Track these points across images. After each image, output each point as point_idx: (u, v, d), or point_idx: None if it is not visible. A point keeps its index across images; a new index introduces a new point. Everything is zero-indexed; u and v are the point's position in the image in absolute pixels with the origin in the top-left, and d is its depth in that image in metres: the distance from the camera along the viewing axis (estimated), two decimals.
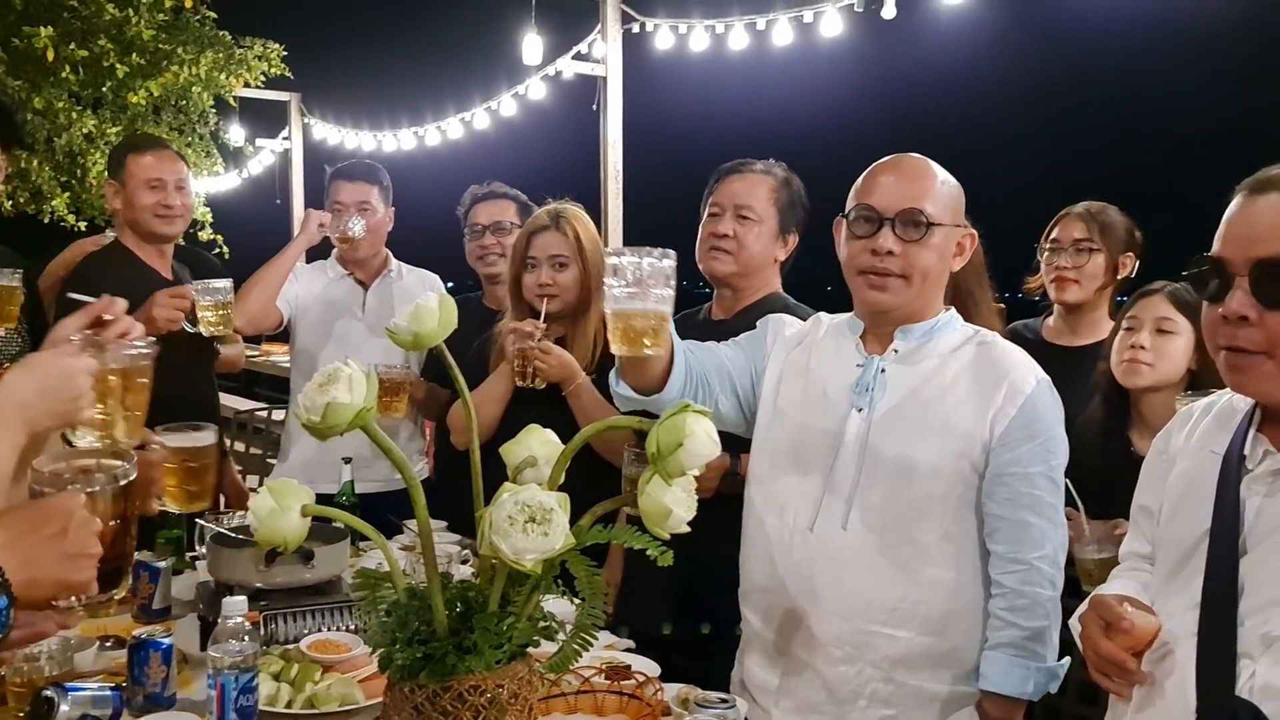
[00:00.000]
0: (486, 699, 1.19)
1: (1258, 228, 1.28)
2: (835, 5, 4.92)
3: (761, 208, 2.37)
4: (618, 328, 1.54)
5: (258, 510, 1.21)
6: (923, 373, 1.83)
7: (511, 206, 3.18)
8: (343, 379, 1.11)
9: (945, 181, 1.84)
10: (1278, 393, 1.30)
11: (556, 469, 1.25)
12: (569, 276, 2.61)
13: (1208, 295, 1.33)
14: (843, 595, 1.79)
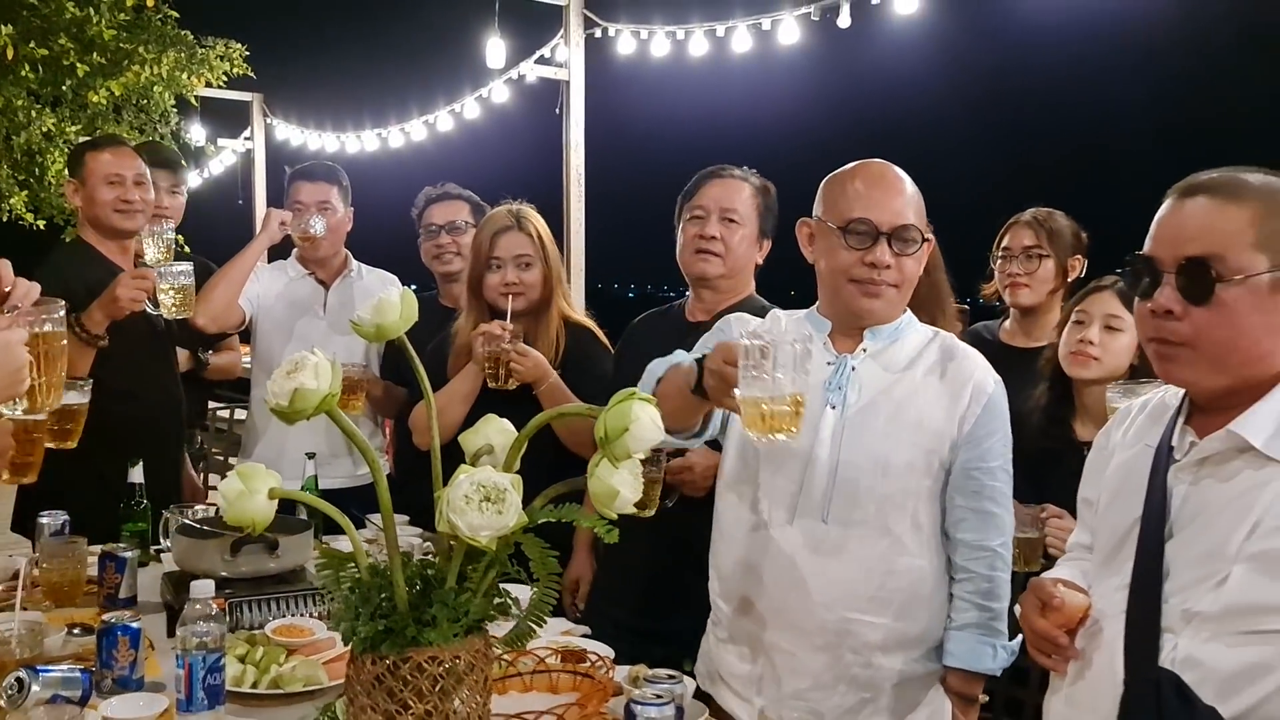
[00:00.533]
0: (444, 669, 1.26)
1: (1186, 229, 1.37)
2: (793, 14, 5.03)
3: (745, 211, 2.45)
4: (758, 413, 1.50)
5: (227, 493, 1.27)
6: (892, 372, 1.93)
7: (465, 207, 3.26)
8: (309, 366, 1.18)
9: (916, 190, 1.95)
10: (1200, 381, 1.40)
11: (511, 453, 1.32)
12: (534, 275, 2.69)
13: (1139, 291, 1.42)
14: (824, 585, 1.88)
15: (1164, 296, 1.37)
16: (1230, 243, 1.33)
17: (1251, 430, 1.35)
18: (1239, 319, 1.33)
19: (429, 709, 1.26)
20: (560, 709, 1.63)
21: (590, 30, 6.27)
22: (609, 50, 6.17)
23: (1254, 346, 1.35)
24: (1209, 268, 1.33)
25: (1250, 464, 1.36)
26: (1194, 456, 1.41)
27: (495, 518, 1.19)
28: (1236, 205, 1.35)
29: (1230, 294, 1.33)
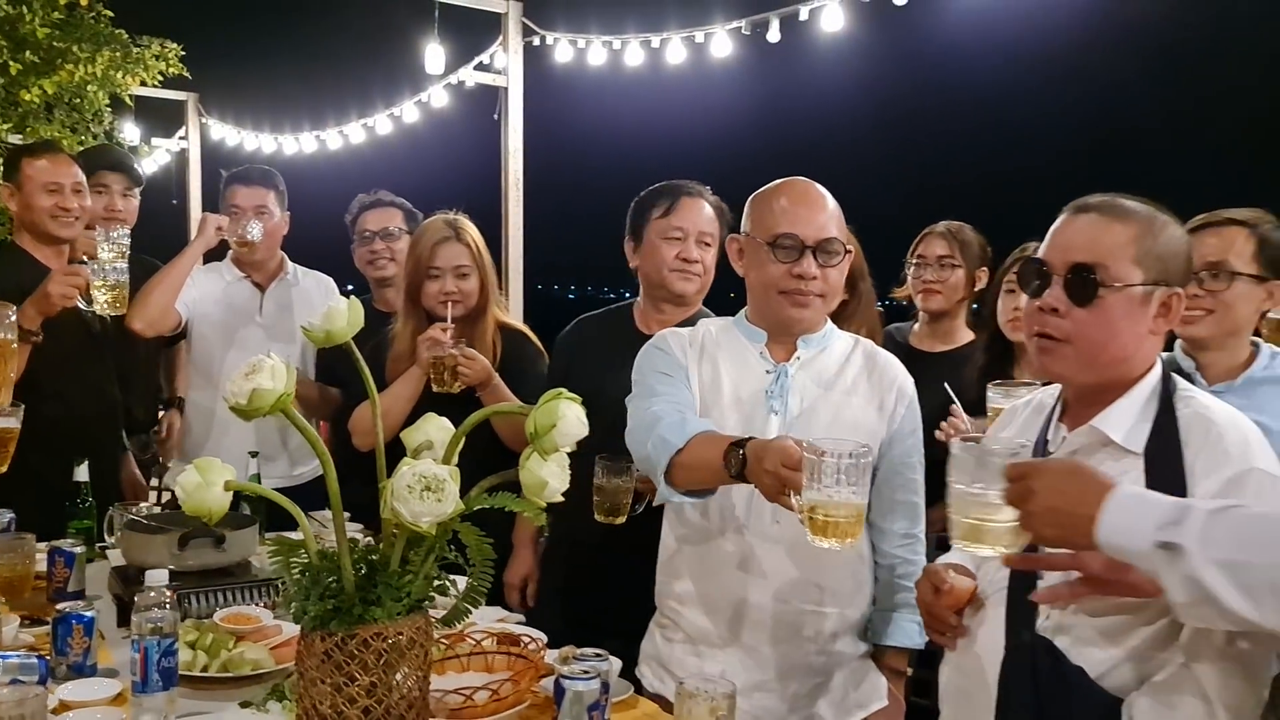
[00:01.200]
0: (388, 644, 1.38)
1: (1076, 240, 1.56)
2: (725, 27, 5.19)
3: (714, 232, 2.58)
4: (821, 521, 1.55)
5: (185, 485, 1.38)
6: (825, 377, 2.07)
7: (398, 214, 3.36)
8: (266, 368, 1.30)
9: (836, 205, 2.09)
10: (1073, 375, 1.59)
11: (450, 448, 1.45)
12: (471, 284, 2.82)
13: (1031, 290, 1.61)
14: (781, 582, 2.02)
15: (1052, 296, 1.56)
16: (1113, 255, 1.52)
17: (1111, 425, 1.55)
18: (1113, 322, 1.52)
19: (374, 681, 1.38)
20: (495, 684, 1.76)
21: (529, 38, 6.36)
22: (547, 58, 6.28)
23: (1121, 349, 1.54)
24: (1093, 274, 1.52)
25: (1111, 455, 1.55)
26: (1064, 449, 1.60)
27: (435, 505, 1.32)
28: (1121, 224, 1.54)
29: (1108, 299, 1.52)
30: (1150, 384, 1.57)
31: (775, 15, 4.89)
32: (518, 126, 6.38)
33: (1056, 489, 1.32)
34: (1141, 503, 1.27)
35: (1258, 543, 1.13)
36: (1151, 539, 1.21)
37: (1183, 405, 1.54)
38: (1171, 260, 1.54)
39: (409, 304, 2.86)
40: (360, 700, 1.37)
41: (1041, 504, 1.33)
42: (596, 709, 1.68)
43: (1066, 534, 1.32)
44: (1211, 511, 1.19)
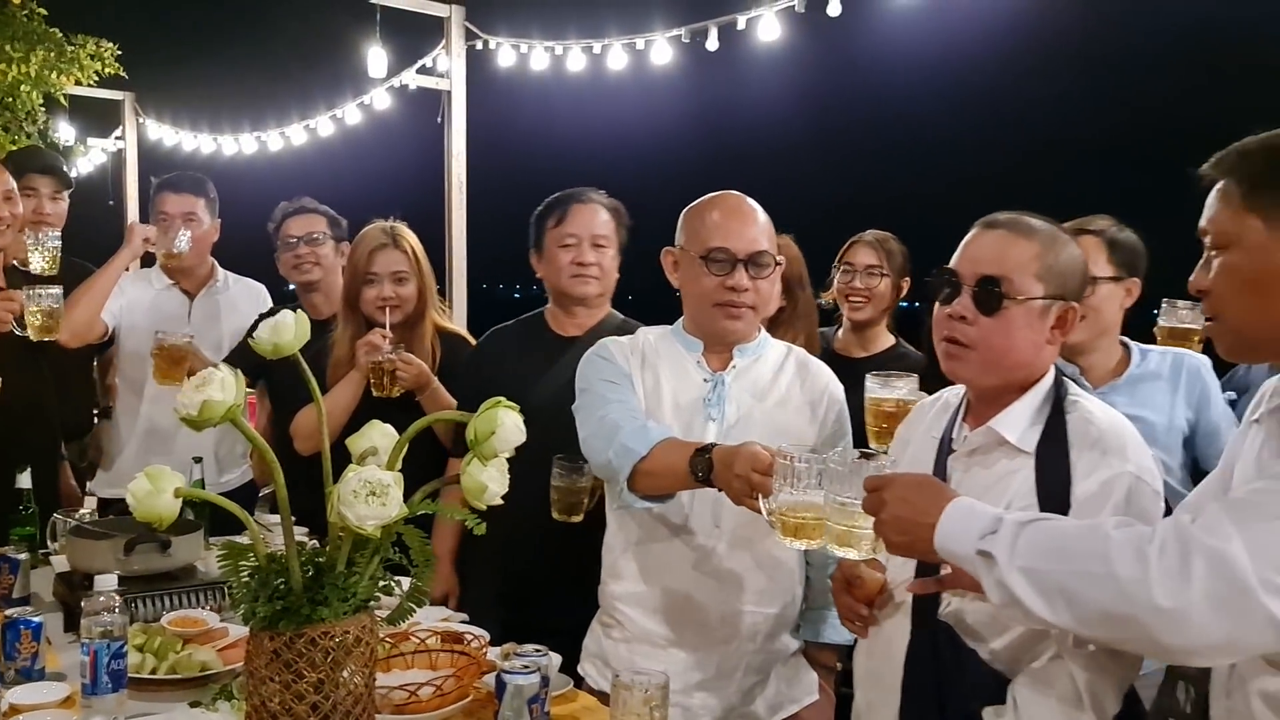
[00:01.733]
0: (335, 642, 1.45)
1: (984, 254, 1.68)
2: (665, 35, 5.27)
3: (609, 234, 2.66)
4: (791, 523, 1.63)
5: (136, 492, 1.44)
6: (760, 385, 2.15)
7: (322, 220, 3.36)
8: (216, 380, 1.35)
9: (767, 218, 2.16)
10: (976, 378, 1.72)
11: (394, 454, 1.52)
12: (409, 290, 2.87)
13: (941, 298, 1.72)
14: (723, 584, 2.10)
15: (961, 304, 1.68)
16: (1017, 270, 1.64)
17: (1006, 426, 1.67)
18: (1015, 331, 1.65)
19: (321, 677, 1.44)
20: (438, 680, 1.83)
21: (471, 42, 6.39)
22: (490, 62, 6.32)
23: (1021, 356, 1.67)
24: (999, 287, 1.64)
25: (1007, 455, 1.68)
26: (965, 448, 1.73)
27: (380, 509, 1.39)
28: (1026, 241, 1.66)
29: (1012, 310, 1.64)
30: (1044, 389, 1.69)
31: (714, 24, 4.98)
32: (460, 130, 6.40)
33: (903, 499, 1.44)
34: (969, 514, 1.38)
35: (1052, 552, 1.24)
36: (974, 546, 1.33)
37: (1071, 409, 1.67)
38: (1069, 277, 1.67)
39: (347, 310, 2.91)
40: (308, 696, 1.43)
41: (890, 513, 1.45)
42: (536, 702, 1.76)
43: (911, 541, 1.45)
44: (1020, 523, 1.31)
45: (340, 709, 1.45)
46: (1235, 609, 1.11)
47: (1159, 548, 1.15)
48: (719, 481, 1.81)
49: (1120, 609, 1.17)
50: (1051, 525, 1.28)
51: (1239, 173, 1.29)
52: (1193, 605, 1.12)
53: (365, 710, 1.49)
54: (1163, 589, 1.13)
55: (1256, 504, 1.14)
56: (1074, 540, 1.24)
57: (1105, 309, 2.34)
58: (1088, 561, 1.20)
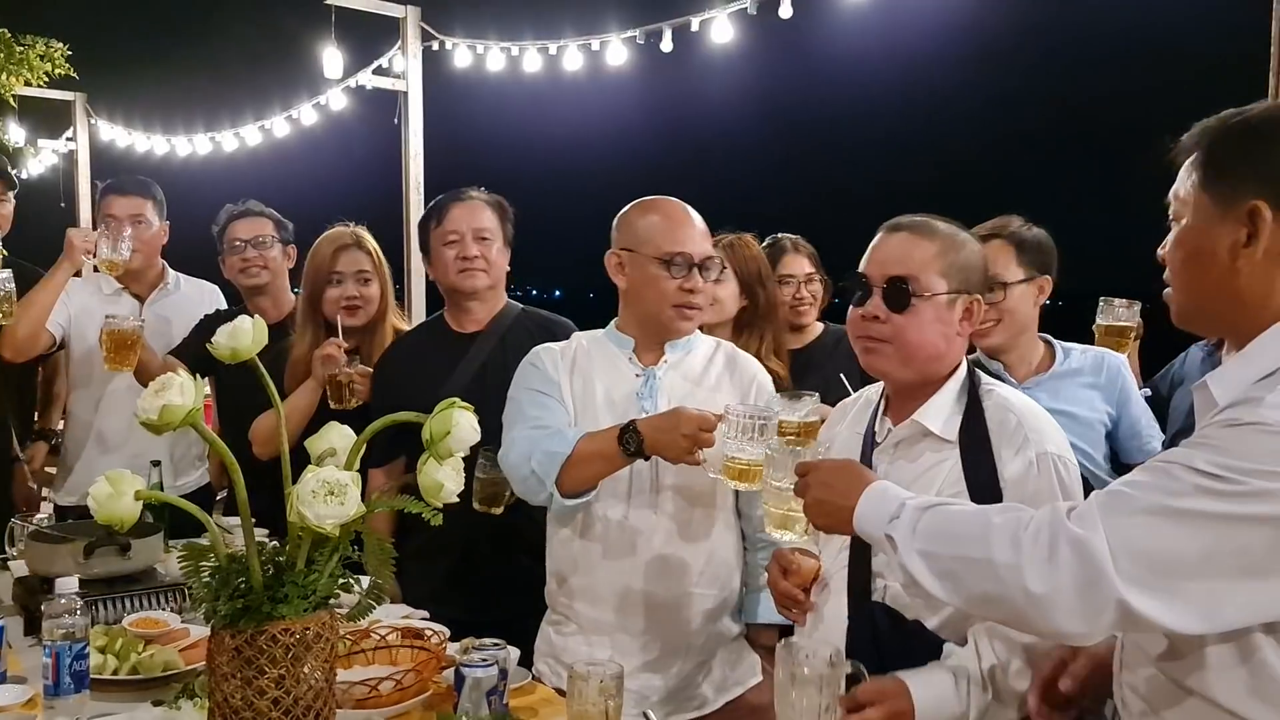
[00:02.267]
0: (295, 639, 1.49)
1: (891, 255, 1.79)
2: (620, 36, 5.32)
3: (492, 227, 2.73)
4: (735, 469, 1.87)
5: (97, 495, 1.47)
6: (691, 378, 2.25)
7: (269, 223, 3.36)
8: (175, 385, 1.39)
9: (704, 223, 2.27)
10: (893, 372, 1.81)
11: (352, 455, 1.56)
12: (373, 290, 2.92)
13: (854, 300, 1.83)
14: (667, 568, 2.19)
15: (873, 305, 1.79)
16: (922, 268, 1.76)
17: (929, 418, 1.78)
18: (925, 326, 1.76)
19: (282, 673, 1.48)
20: (399, 675, 1.87)
21: (427, 43, 6.40)
22: (446, 63, 6.33)
23: (933, 348, 1.77)
24: (906, 285, 1.75)
25: (931, 446, 1.77)
26: (890, 441, 1.83)
27: (338, 508, 1.43)
28: (928, 241, 1.78)
29: (919, 306, 1.75)
30: (959, 379, 1.81)
31: (668, 25, 5.04)
32: (418, 130, 6.41)
33: (825, 483, 1.53)
34: (881, 498, 1.45)
35: (942, 537, 1.32)
36: (882, 530, 1.40)
37: (987, 398, 1.78)
38: (971, 272, 1.79)
39: (308, 312, 2.93)
40: (270, 692, 1.47)
41: (813, 496, 1.54)
42: (495, 694, 1.80)
43: (833, 523, 1.53)
44: (919, 508, 1.38)
45: (302, 703, 1.49)
46: (1093, 595, 1.17)
47: (1032, 535, 1.22)
48: (654, 447, 2.01)
49: (997, 591, 1.23)
50: (946, 510, 1.35)
51: (1200, 149, 1.33)
52: (1060, 591, 1.18)
53: (326, 704, 1.53)
54: (1033, 574, 1.19)
55: (1128, 496, 1.20)
56: (960, 525, 1.31)
57: (1020, 309, 2.43)
58: (971, 546, 1.26)
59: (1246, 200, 1.24)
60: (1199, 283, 1.33)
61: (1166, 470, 1.19)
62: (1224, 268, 1.28)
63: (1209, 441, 1.18)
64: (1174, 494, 1.16)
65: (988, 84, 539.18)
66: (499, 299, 2.79)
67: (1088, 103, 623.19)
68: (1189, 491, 1.15)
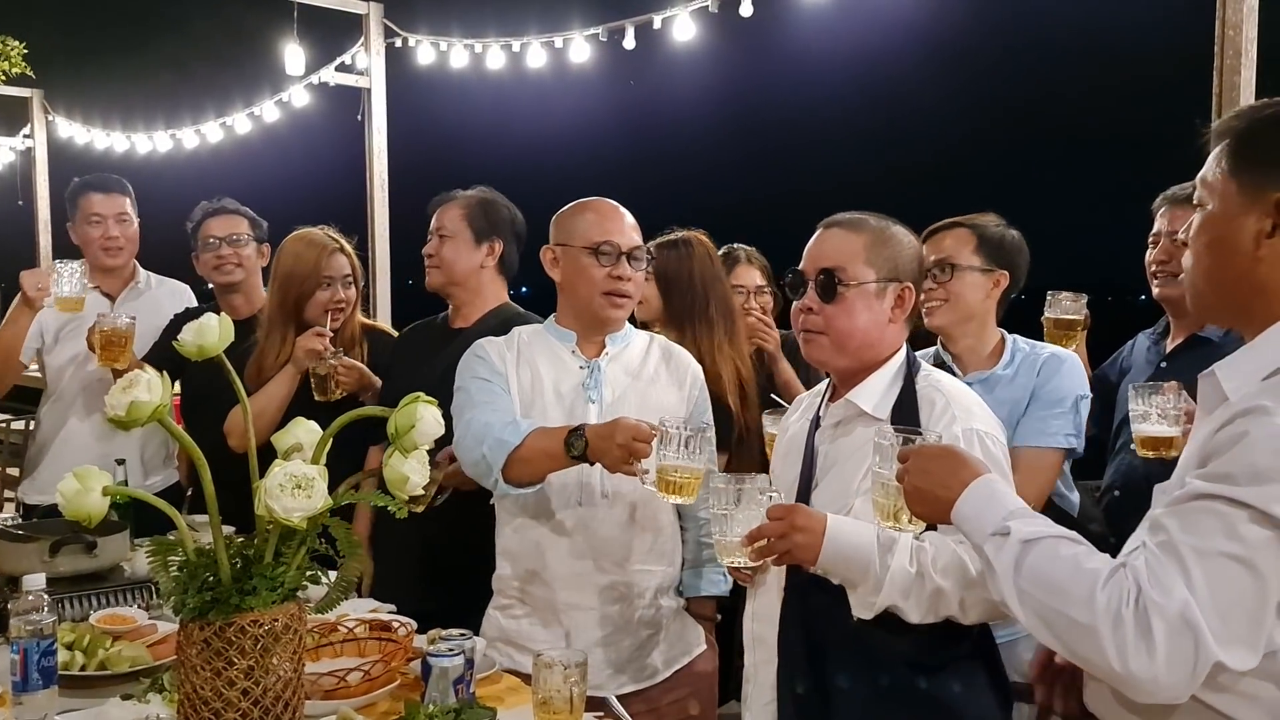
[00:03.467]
0: (264, 630, 1.51)
1: (823, 250, 1.90)
2: (583, 34, 5.35)
3: (452, 225, 2.78)
4: (669, 481, 1.92)
5: (65, 491, 1.49)
6: (630, 369, 2.34)
7: (244, 221, 3.35)
8: (143, 382, 1.41)
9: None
10: (830, 360, 1.91)
11: (319, 448, 1.59)
12: (354, 294, 3.00)
13: (793, 295, 1.93)
14: (614, 548, 2.27)
15: (808, 298, 1.89)
16: (849, 260, 1.86)
17: (862, 398, 1.87)
18: (855, 314, 1.86)
19: (251, 664, 1.51)
20: (366, 665, 1.90)
21: (390, 39, 6.41)
22: (410, 59, 6.33)
23: (865, 335, 1.87)
24: (835, 276, 1.85)
25: (864, 424, 1.86)
26: (830, 421, 1.92)
27: (305, 501, 1.46)
28: (855, 234, 1.88)
29: (849, 295, 1.85)
30: (896, 364, 1.89)
31: (630, 23, 5.08)
32: (381, 127, 6.41)
33: (923, 470, 1.48)
34: (987, 503, 1.40)
35: (1048, 587, 1.28)
36: (983, 540, 1.38)
37: (921, 381, 1.87)
38: (901, 261, 1.88)
39: (281, 314, 2.93)
40: (239, 683, 1.49)
41: (911, 483, 1.49)
42: (461, 683, 1.84)
43: (931, 511, 1.49)
44: (1023, 540, 1.33)
45: (271, 694, 1.52)
46: (1192, 664, 1.18)
47: (1131, 610, 1.20)
48: (595, 454, 2.04)
49: (1096, 660, 1.23)
50: (1052, 552, 1.31)
51: (1231, 137, 1.35)
52: (1159, 672, 1.18)
53: (295, 694, 1.56)
54: (1135, 660, 1.19)
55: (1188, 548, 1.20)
56: (1068, 580, 1.27)
57: (968, 295, 2.46)
58: (1075, 607, 1.24)
59: (1274, 191, 1.27)
60: (1219, 270, 1.36)
61: (1213, 511, 1.20)
62: (1247, 256, 1.30)
63: (1238, 468, 1.19)
64: (1233, 537, 1.18)
65: (945, 84, 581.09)
66: (484, 299, 2.81)
67: (1043, 103, 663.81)
68: (1244, 531, 1.17)
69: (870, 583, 1.70)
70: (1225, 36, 3.00)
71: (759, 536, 1.74)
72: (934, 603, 1.69)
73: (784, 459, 2.03)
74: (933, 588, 1.69)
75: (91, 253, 3.40)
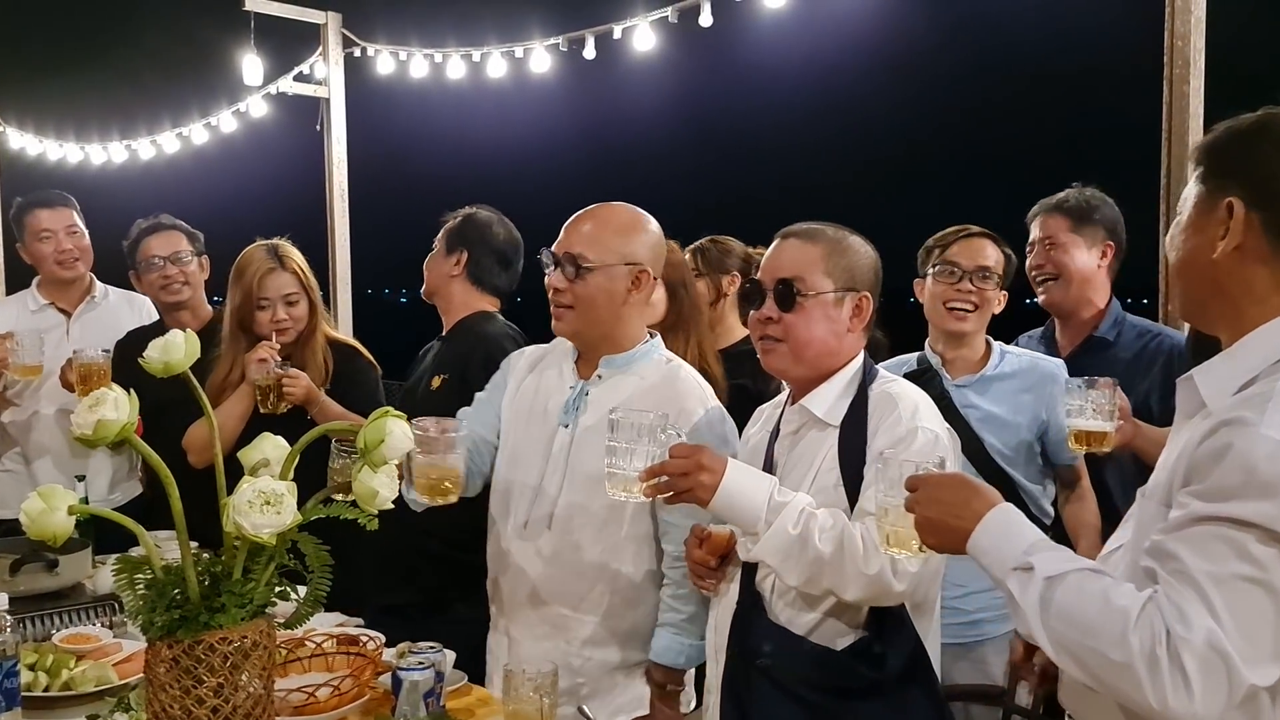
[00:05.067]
0: (233, 647, 1.51)
1: (781, 260, 1.94)
2: (543, 44, 5.36)
3: (437, 239, 2.97)
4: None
5: (29, 511, 1.47)
6: (619, 396, 2.13)
7: (183, 237, 3.33)
8: (109, 400, 1.40)
9: (616, 222, 2.18)
10: (788, 369, 1.94)
11: (286, 464, 1.59)
12: (300, 310, 2.91)
13: (753, 304, 1.95)
14: (547, 586, 2.19)
15: (766, 307, 1.92)
16: (807, 270, 1.89)
17: (815, 404, 1.91)
18: (813, 323, 1.89)
19: (220, 681, 1.50)
20: (336, 680, 1.90)
21: (349, 49, 6.37)
22: (369, 69, 6.30)
23: (823, 344, 1.90)
24: (793, 286, 1.88)
25: (817, 428, 1.90)
26: (787, 429, 1.95)
27: (275, 517, 1.46)
28: (813, 245, 1.92)
29: (806, 305, 1.88)
30: (850, 372, 1.92)
31: (590, 33, 5.09)
32: (340, 137, 6.37)
33: (935, 500, 1.44)
34: (1004, 536, 1.38)
35: (1078, 625, 1.26)
36: (1004, 576, 1.35)
37: (876, 387, 1.89)
38: (858, 271, 1.92)
39: (237, 331, 2.91)
40: (209, 700, 1.49)
41: (923, 514, 1.46)
42: (431, 696, 1.84)
43: (945, 542, 1.45)
44: (1048, 578, 1.31)
45: (240, 711, 1.51)
46: (1227, 692, 1.18)
47: (1164, 649, 1.19)
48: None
49: (1134, 697, 1.22)
50: (1078, 589, 1.29)
51: (1199, 149, 1.42)
52: (1197, 708, 1.18)
53: (265, 712, 1.56)
54: (1175, 699, 1.19)
55: (1204, 575, 1.20)
56: (1099, 619, 1.26)
57: (994, 307, 2.56)
58: (1110, 649, 1.23)
59: (1225, 196, 1.32)
60: (1189, 278, 1.40)
61: (1221, 535, 1.20)
62: (1206, 263, 1.35)
63: (1233, 483, 1.20)
64: (1246, 558, 1.19)
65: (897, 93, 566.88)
66: (460, 306, 2.93)
67: (996, 111, 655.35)
68: (1255, 551, 1.18)
69: (754, 535, 1.76)
70: (1174, 47, 3.06)
71: (660, 472, 1.74)
72: (814, 571, 1.73)
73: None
74: (814, 555, 1.72)
75: (46, 268, 3.37)
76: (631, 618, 2.18)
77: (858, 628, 1.82)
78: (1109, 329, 2.71)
